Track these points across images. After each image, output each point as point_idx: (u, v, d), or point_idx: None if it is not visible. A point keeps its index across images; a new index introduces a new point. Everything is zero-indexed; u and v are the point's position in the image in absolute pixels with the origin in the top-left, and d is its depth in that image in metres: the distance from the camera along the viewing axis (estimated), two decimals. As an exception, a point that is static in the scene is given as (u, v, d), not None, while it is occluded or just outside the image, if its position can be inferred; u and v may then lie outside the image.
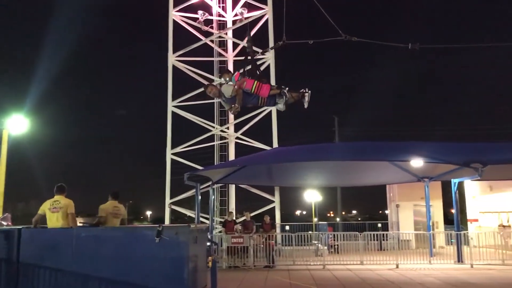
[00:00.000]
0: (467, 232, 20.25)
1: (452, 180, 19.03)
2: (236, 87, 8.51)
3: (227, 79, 8.95)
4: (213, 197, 21.76)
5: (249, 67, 8.93)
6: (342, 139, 38.69)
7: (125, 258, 7.97)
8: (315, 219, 37.76)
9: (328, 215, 72.34)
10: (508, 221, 23.03)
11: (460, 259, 17.54)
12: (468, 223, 25.69)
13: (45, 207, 9.16)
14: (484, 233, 20.82)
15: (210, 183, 20.49)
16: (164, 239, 7.88)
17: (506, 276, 14.52)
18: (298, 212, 76.71)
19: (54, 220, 9.08)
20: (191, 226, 8.56)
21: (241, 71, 8.93)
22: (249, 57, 9.12)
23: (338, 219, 42.82)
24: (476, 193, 25.50)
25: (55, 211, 9.11)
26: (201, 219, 21.44)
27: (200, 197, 19.35)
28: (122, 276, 7.90)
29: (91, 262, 7.99)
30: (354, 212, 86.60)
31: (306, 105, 8.71)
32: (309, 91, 8.69)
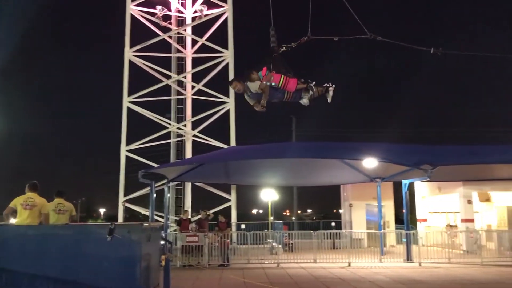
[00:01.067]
0: (417, 232, 20.94)
1: (402, 181, 19.63)
2: (263, 82, 8.31)
3: (256, 77, 8.64)
4: (168, 195, 21.55)
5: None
6: (299, 139, 39.11)
7: (74, 256, 7.79)
8: (271, 218, 38.03)
9: (284, 214, 72.91)
10: (455, 221, 23.97)
11: (409, 257, 18.11)
12: (418, 222, 26.52)
13: (17, 201, 9.08)
14: (432, 232, 21.61)
15: (165, 181, 20.29)
16: (116, 237, 7.74)
17: (451, 274, 15.10)
18: (254, 211, 76.91)
19: (25, 217, 8.99)
20: (144, 224, 8.45)
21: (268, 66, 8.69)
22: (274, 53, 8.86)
23: (293, 218, 43.30)
24: (426, 193, 26.37)
25: (27, 208, 9.03)
26: (156, 217, 21.19)
27: (154, 195, 19.11)
28: (71, 275, 7.71)
29: (38, 261, 7.75)
30: (309, 211, 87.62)
31: (329, 100, 8.62)
32: (334, 86, 8.62)
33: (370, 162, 18.62)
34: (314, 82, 8.53)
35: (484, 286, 13.05)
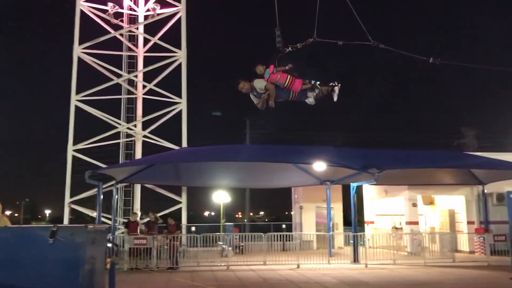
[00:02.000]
0: (364, 234, 21.45)
1: (351, 184, 20.07)
2: (269, 81, 8.36)
3: (262, 71, 8.54)
4: (116, 196, 21.05)
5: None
6: (253, 142, 39.21)
7: (13, 260, 7.45)
8: (223, 220, 37.94)
9: (237, 216, 72.90)
10: (400, 224, 24.74)
11: (356, 259, 18.52)
12: (365, 225, 27.21)
13: None
14: (379, 234, 22.22)
15: (113, 182, 19.82)
16: (59, 240, 7.49)
17: (395, 275, 15.57)
18: (206, 213, 76.46)
19: None
20: (89, 226, 8.21)
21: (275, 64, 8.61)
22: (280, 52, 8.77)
23: (245, 220, 43.34)
24: (373, 196, 27.09)
25: None
26: (104, 219, 20.65)
27: (102, 197, 18.62)
28: (9, 280, 7.37)
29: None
30: (262, 213, 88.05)
31: (335, 98, 8.68)
32: (339, 84, 8.66)
33: (320, 166, 18.95)
34: (318, 82, 8.66)
35: (425, 286, 13.53)
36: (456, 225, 23.34)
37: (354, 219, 20.22)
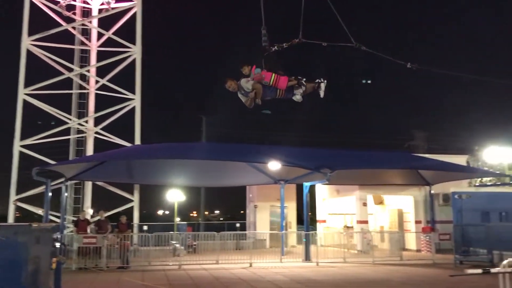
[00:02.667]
0: (315, 232, 21.79)
1: (304, 183, 20.34)
2: (256, 79, 8.34)
3: (247, 72, 8.48)
4: (65, 194, 20.44)
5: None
6: (209, 140, 39.00)
7: None
8: (177, 219, 37.58)
9: (191, 215, 72.36)
10: (351, 223, 25.30)
11: (308, 257, 18.79)
12: (318, 223, 27.65)
13: None
14: (330, 233, 22.64)
15: (63, 179, 19.24)
16: (0, 239, 7.24)
17: (345, 272, 15.90)
18: (160, 212, 75.46)
19: None
20: (33, 225, 7.98)
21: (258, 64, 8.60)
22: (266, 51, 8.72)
23: (200, 219, 43.11)
24: (326, 196, 27.56)
25: None
26: (52, 218, 20.03)
27: (50, 194, 18.04)
28: None
29: None
30: (217, 212, 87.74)
31: (322, 95, 8.72)
32: (325, 81, 8.70)
33: (274, 165, 19.10)
34: (304, 79, 8.70)
35: (373, 283, 13.89)
36: (404, 224, 24.10)
37: (306, 218, 20.49)
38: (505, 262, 7.77)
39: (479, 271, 7.75)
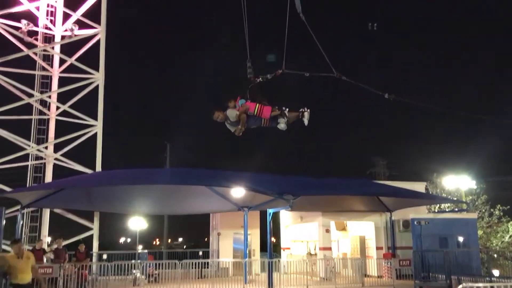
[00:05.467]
0: (279, 260, 21.73)
1: (268, 210, 20.37)
2: (240, 111, 8.74)
3: (232, 105, 8.93)
4: (21, 222, 19.75)
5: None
6: (173, 166, 38.65)
7: None
8: (139, 247, 36.77)
9: (154, 243, 70.99)
10: (314, 249, 25.36)
11: (271, 285, 18.67)
12: (282, 250, 27.58)
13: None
14: (293, 261, 22.61)
15: (19, 206, 18.62)
16: None
17: (308, 299, 15.89)
18: (122, 240, 73.70)
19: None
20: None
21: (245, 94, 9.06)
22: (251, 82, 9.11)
23: (163, 247, 42.33)
24: (289, 222, 27.60)
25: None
26: (5, 247, 19.26)
27: (4, 222, 17.40)
28: None
29: None
30: (180, 239, 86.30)
31: (306, 123, 9.10)
32: (308, 110, 9.03)
33: (237, 191, 19.08)
34: (287, 109, 9.05)
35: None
36: (366, 250, 24.35)
37: (269, 245, 20.45)
38: (460, 286, 8.01)
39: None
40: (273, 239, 23.30)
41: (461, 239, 22.14)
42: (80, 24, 24.29)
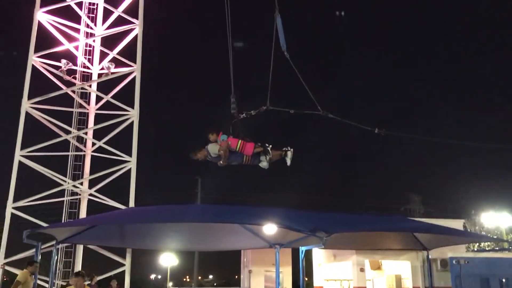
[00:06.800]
0: (312, 299, 21.16)
1: (300, 247, 19.96)
2: (222, 146, 8.67)
3: (213, 138, 8.82)
4: (56, 258, 19.96)
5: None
6: (204, 202, 38.73)
7: None
8: (169, 284, 36.58)
9: (184, 279, 70.55)
10: (348, 288, 24.62)
11: (304, 325, 18.11)
12: (315, 290, 26.88)
13: None
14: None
15: (54, 242, 18.83)
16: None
17: None
18: (153, 276, 73.55)
19: None
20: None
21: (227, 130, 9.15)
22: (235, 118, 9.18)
23: (193, 284, 41.98)
24: (322, 261, 26.96)
25: None
26: (40, 282, 19.45)
27: (40, 257, 17.58)
28: None
29: None
30: (210, 277, 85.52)
31: (288, 163, 8.94)
32: (292, 149, 8.89)
33: (269, 228, 18.79)
34: (270, 146, 8.85)
35: None
36: (402, 290, 23.48)
37: (302, 284, 19.94)
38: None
39: None
40: (305, 278, 22.75)
41: (503, 279, 21.09)
42: (117, 62, 25.10)
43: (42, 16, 24.41)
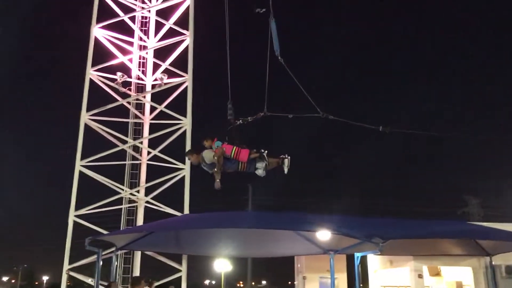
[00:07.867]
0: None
1: (355, 253, 19.63)
2: (216, 152, 8.62)
3: (208, 144, 8.87)
4: (115, 264, 20.65)
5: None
6: (255, 208, 38.91)
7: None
8: (223, 290, 36.95)
9: (238, 285, 71.01)
10: (406, 296, 23.92)
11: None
12: (370, 296, 26.31)
13: None
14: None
15: (113, 249, 19.48)
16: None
17: None
18: (207, 282, 74.55)
19: None
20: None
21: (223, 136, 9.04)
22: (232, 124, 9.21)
23: (247, 289, 42.14)
24: (378, 267, 26.36)
25: None
26: (101, 287, 20.12)
27: (101, 264, 18.23)
28: None
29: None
30: (264, 282, 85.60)
31: (286, 171, 8.83)
32: (289, 157, 8.74)
33: (323, 234, 18.61)
34: (266, 152, 8.71)
35: None
36: (464, 298, 22.56)
37: (358, 290, 19.59)
38: None
39: None
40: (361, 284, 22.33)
41: None
42: (169, 73, 25.76)
43: (98, 32, 25.43)
